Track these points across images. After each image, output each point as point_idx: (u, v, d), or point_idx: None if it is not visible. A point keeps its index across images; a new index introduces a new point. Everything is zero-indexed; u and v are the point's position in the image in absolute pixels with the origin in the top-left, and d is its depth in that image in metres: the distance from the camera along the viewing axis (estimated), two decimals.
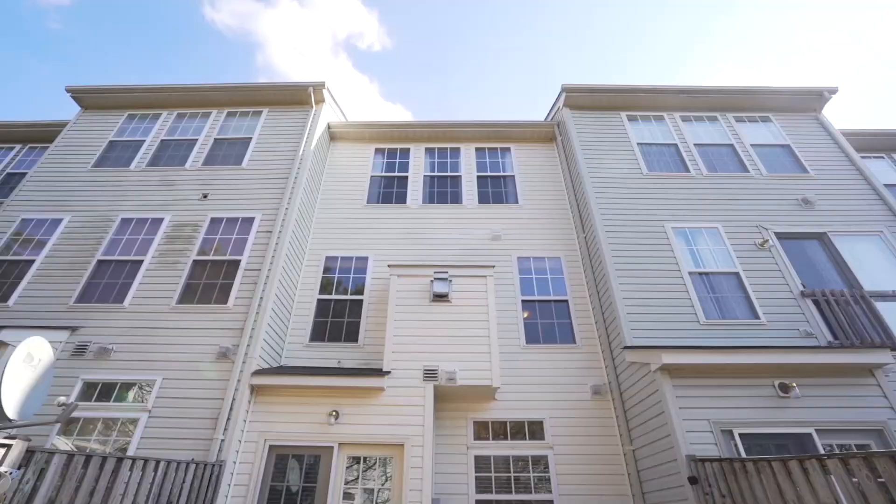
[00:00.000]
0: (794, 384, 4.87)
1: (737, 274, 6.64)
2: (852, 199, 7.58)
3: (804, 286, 6.51)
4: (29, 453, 2.93)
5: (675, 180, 7.85)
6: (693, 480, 4.31)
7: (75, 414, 5.42)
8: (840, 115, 29.93)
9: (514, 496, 5.58)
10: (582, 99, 9.01)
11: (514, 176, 8.99)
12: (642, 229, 7.13)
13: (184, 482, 4.34)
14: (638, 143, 8.45)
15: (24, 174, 9.21)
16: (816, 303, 6.33)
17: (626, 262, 6.70)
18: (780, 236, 7.10)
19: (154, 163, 8.35)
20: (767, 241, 6.90)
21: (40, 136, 10.01)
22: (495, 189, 8.82)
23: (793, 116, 8.96)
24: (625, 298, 6.30)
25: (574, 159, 8.35)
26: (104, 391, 5.64)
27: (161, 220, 7.39)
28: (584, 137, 8.55)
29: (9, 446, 2.78)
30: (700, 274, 6.65)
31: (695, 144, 8.45)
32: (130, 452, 5.09)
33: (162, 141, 8.72)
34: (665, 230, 7.09)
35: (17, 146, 10.11)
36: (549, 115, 10.01)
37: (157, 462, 4.03)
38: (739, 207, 7.45)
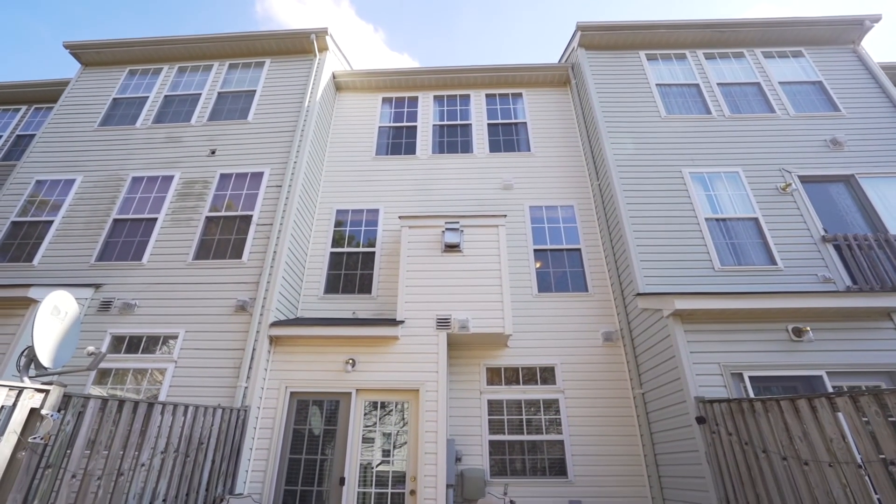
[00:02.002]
0: (808, 328, 4.85)
1: (755, 219, 6.46)
2: (886, 138, 7.16)
3: (825, 231, 6.32)
4: (66, 398, 3.10)
5: (695, 123, 7.48)
6: (700, 420, 4.41)
7: (107, 365, 5.71)
8: (881, 47, 27.59)
9: (525, 437, 5.82)
10: (598, 38, 8.48)
11: (525, 123, 8.68)
12: (658, 175, 6.90)
13: (212, 425, 4.60)
14: (657, 85, 8.01)
15: (33, 136, 9.24)
16: (837, 247, 6.16)
17: (640, 210, 6.55)
18: (804, 179, 6.81)
19: (159, 120, 8.25)
20: (790, 184, 6.64)
21: (45, 96, 9.94)
22: (506, 137, 8.56)
23: (827, 50, 8.34)
24: (638, 246, 6.22)
25: (589, 103, 7.99)
26: (132, 344, 5.90)
27: (171, 177, 7.39)
28: (600, 79, 8.13)
29: (47, 391, 2.94)
30: (717, 220, 6.48)
31: (718, 84, 7.98)
32: (161, 399, 5.40)
33: (165, 97, 8.56)
34: (682, 175, 6.86)
35: (23, 107, 10.07)
36: (562, 57, 9.48)
37: (186, 407, 4.26)
38: (762, 150, 7.12)
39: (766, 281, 5.93)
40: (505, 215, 6.74)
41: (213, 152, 7.64)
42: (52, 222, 7.07)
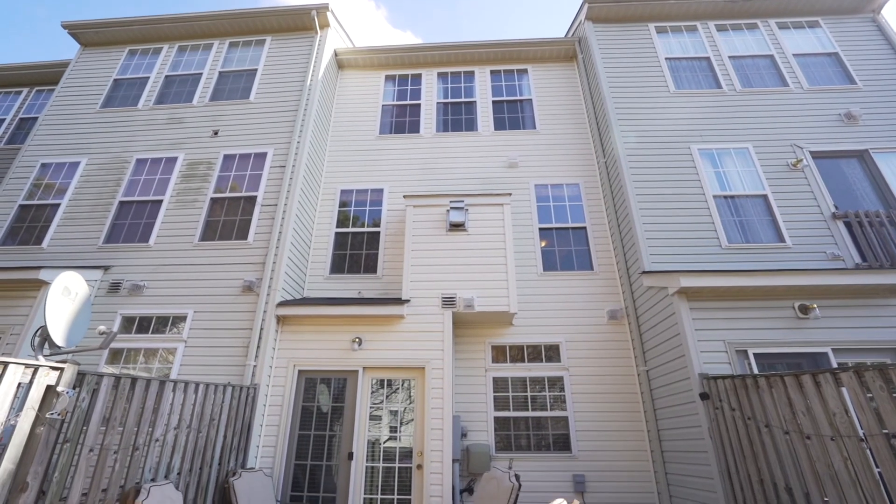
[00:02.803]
0: (815, 305, 4.82)
1: (764, 196, 6.37)
2: None
3: (836, 208, 6.22)
4: (80, 376, 3.18)
5: (705, 98, 7.31)
6: (704, 396, 4.45)
7: (119, 345, 5.83)
8: None
9: (530, 413, 5.91)
10: (606, 10, 8.22)
11: (531, 100, 8.52)
12: (666, 152, 6.79)
13: (223, 402, 4.71)
14: (666, 59, 7.80)
15: (36, 118, 9.21)
16: (848, 224, 6.07)
17: (647, 187, 6.47)
18: (816, 155, 6.67)
19: (161, 101, 8.19)
20: (801, 160, 6.51)
21: (46, 77, 9.87)
22: (511, 114, 8.42)
23: (845, 20, 8.04)
24: (644, 224, 6.17)
25: (596, 78, 7.81)
26: (142, 325, 6.00)
27: (175, 158, 7.38)
28: (608, 53, 7.92)
29: (61, 369, 3.01)
30: (725, 197, 6.39)
31: (730, 57, 7.75)
32: (172, 378, 5.51)
33: (166, 77, 8.47)
34: (691, 152, 6.74)
35: (25, 90, 10.02)
36: (569, 31, 9.23)
37: (197, 385, 4.35)
38: (774, 125, 6.96)
39: (773, 258, 5.88)
40: (510, 194, 6.69)
41: (215, 133, 7.59)
42: (58, 205, 7.11)
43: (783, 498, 3.44)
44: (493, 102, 8.55)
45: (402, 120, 8.58)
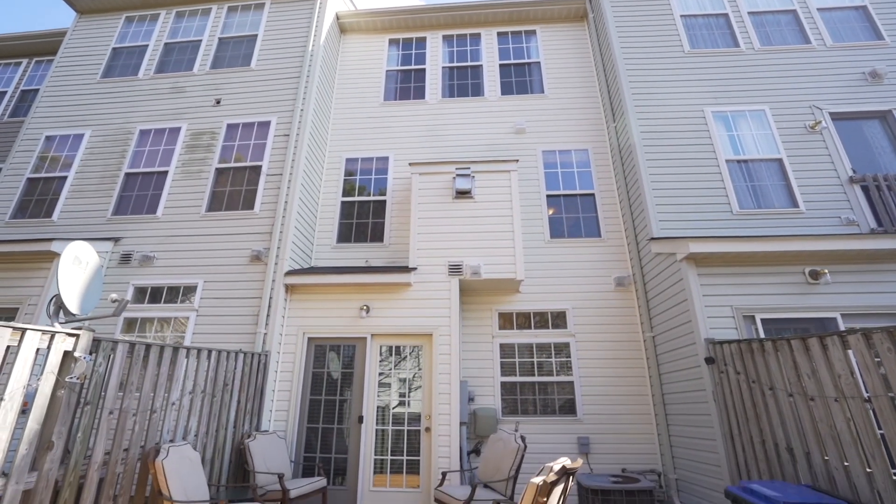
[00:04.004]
0: (826, 271, 4.76)
1: (779, 160, 6.19)
2: None
3: (854, 171, 6.04)
4: (96, 342, 3.27)
5: (722, 57, 7.01)
6: (709, 361, 4.48)
7: (133, 315, 5.96)
8: None
9: (536, 378, 6.01)
10: None
11: (539, 63, 8.24)
12: (679, 115, 6.58)
13: (235, 368, 4.84)
14: (681, 16, 7.45)
15: (38, 90, 9.12)
16: (865, 188, 5.91)
17: (657, 152, 6.31)
18: (836, 117, 6.43)
19: (161, 69, 8.04)
20: (820, 122, 6.27)
21: (44, 48, 9.71)
22: (519, 78, 8.17)
23: None
24: (654, 190, 6.05)
25: (607, 38, 7.50)
26: (154, 295, 6.11)
27: (178, 129, 7.32)
28: (620, 11, 7.57)
29: (77, 336, 3.10)
30: (738, 162, 6.23)
31: (749, 13, 7.37)
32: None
33: (165, 45, 8.29)
34: (704, 115, 6.53)
35: (24, 61, 9.88)
36: None
37: (209, 351, 4.46)
38: (793, 85, 6.68)
39: (785, 224, 5.77)
40: (517, 160, 6.57)
41: (217, 102, 7.48)
42: (65, 178, 7.14)
43: (784, 457, 3.50)
44: (500, 66, 8.29)
45: (406, 86, 8.37)
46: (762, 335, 4.64)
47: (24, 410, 2.77)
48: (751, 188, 6.08)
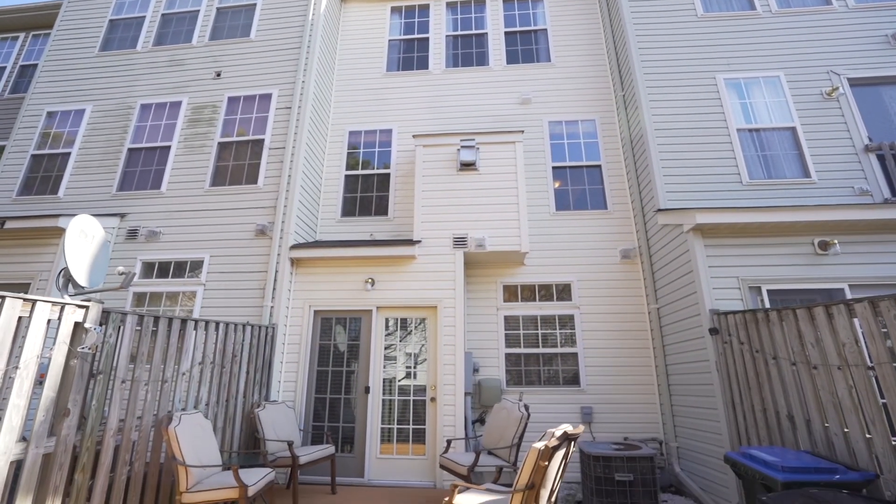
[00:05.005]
0: (835, 241, 4.69)
1: (792, 129, 6.01)
2: None
3: (870, 139, 5.86)
4: (105, 314, 3.33)
5: (736, 21, 6.73)
6: (714, 331, 4.48)
7: (142, 289, 6.05)
8: None
9: (541, 350, 6.07)
10: None
11: (546, 30, 7.97)
12: (689, 82, 6.38)
13: (243, 340, 4.93)
14: None
15: (37, 65, 9.02)
16: (881, 157, 5.75)
17: (666, 121, 6.16)
18: (854, 82, 6.20)
19: (160, 41, 7.89)
20: (837, 88, 6.06)
21: (41, 21, 9.54)
22: (525, 46, 7.93)
23: None
24: (662, 160, 5.93)
25: (616, 2, 7.22)
26: (161, 270, 6.18)
27: (179, 103, 7.23)
28: None
29: (86, 307, 3.15)
30: (750, 131, 6.06)
31: None
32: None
33: (162, 16, 8.11)
34: (716, 82, 6.32)
35: (21, 35, 9.74)
36: None
37: (217, 323, 4.54)
38: (810, 50, 6.42)
39: (796, 195, 5.66)
40: (522, 131, 6.46)
41: (218, 74, 7.36)
42: (69, 154, 7.13)
43: (784, 425, 3.54)
44: (506, 34, 8.04)
45: (409, 56, 8.17)
46: (767, 306, 4.62)
47: (41, 382, 2.85)
48: (762, 158, 5.94)
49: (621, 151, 6.88)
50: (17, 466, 2.62)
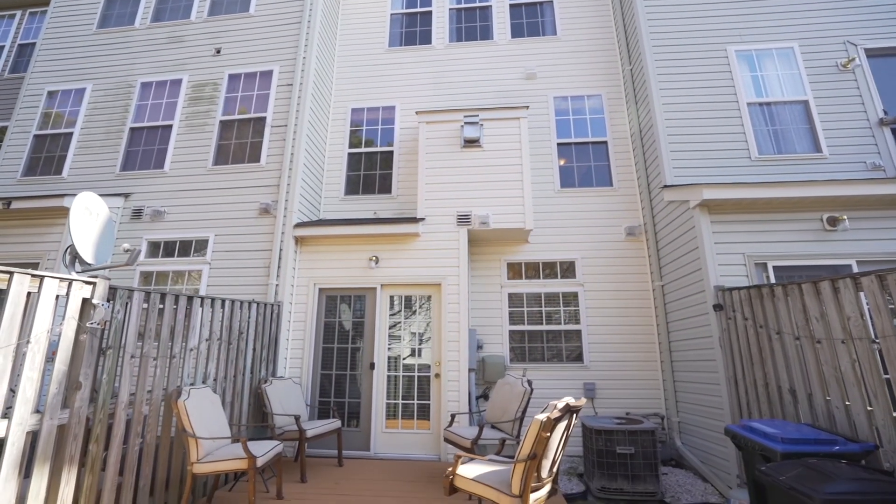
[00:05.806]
0: (845, 217, 4.62)
1: (805, 102, 5.86)
2: None
3: (885, 113, 5.71)
4: (112, 290, 3.36)
5: None
6: (718, 307, 4.48)
7: (148, 268, 6.11)
8: None
9: (544, 327, 6.11)
10: None
11: (552, 1, 7.74)
12: (699, 55, 6.20)
13: (249, 318, 4.98)
14: None
15: (35, 44, 8.92)
16: (895, 131, 5.61)
17: (675, 95, 6.01)
18: (871, 53, 6.00)
19: (158, 18, 7.75)
20: (853, 59, 5.87)
21: None
22: (530, 19, 7.71)
23: None
24: (670, 136, 5.82)
25: None
26: (167, 249, 6.22)
27: (180, 80, 7.15)
28: None
29: (94, 283, 3.19)
30: (760, 104, 5.91)
31: None
32: None
33: None
34: (727, 54, 6.14)
35: (18, 13, 9.59)
36: None
37: (223, 300, 4.58)
38: (827, 19, 6.20)
39: (806, 170, 5.55)
40: (527, 107, 6.34)
41: (218, 51, 7.25)
42: (72, 134, 7.11)
43: (786, 399, 3.56)
44: (511, 6, 7.82)
45: (412, 30, 7.98)
46: (773, 282, 4.59)
47: (52, 359, 2.91)
48: (772, 132, 5.81)
49: (628, 128, 6.76)
50: (33, 437, 2.70)
